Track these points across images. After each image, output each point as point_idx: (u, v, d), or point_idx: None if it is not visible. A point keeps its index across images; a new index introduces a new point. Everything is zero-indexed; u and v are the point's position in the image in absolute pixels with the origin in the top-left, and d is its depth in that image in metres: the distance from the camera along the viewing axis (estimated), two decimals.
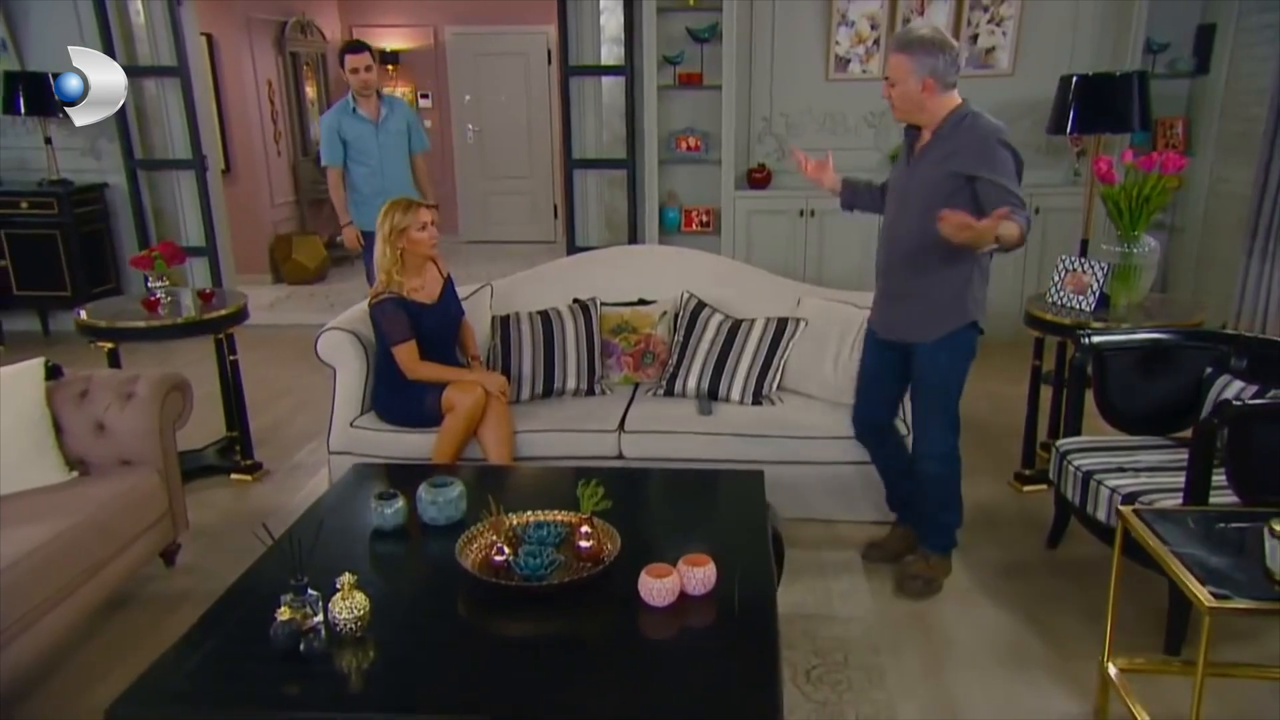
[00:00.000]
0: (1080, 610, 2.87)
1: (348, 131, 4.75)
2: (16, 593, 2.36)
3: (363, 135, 4.76)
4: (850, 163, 5.76)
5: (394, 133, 4.81)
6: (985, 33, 5.63)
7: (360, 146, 4.78)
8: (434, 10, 9.26)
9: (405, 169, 4.89)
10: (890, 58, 2.71)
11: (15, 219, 6.00)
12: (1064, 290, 3.67)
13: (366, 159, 4.78)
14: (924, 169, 2.74)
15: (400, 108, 4.93)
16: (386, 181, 4.75)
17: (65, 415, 2.93)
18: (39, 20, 6.04)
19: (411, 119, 4.95)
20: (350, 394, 3.50)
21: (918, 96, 2.68)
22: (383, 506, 2.35)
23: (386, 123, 4.78)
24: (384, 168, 4.79)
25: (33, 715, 2.46)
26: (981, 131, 2.68)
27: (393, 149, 4.81)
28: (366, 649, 1.90)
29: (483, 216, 9.64)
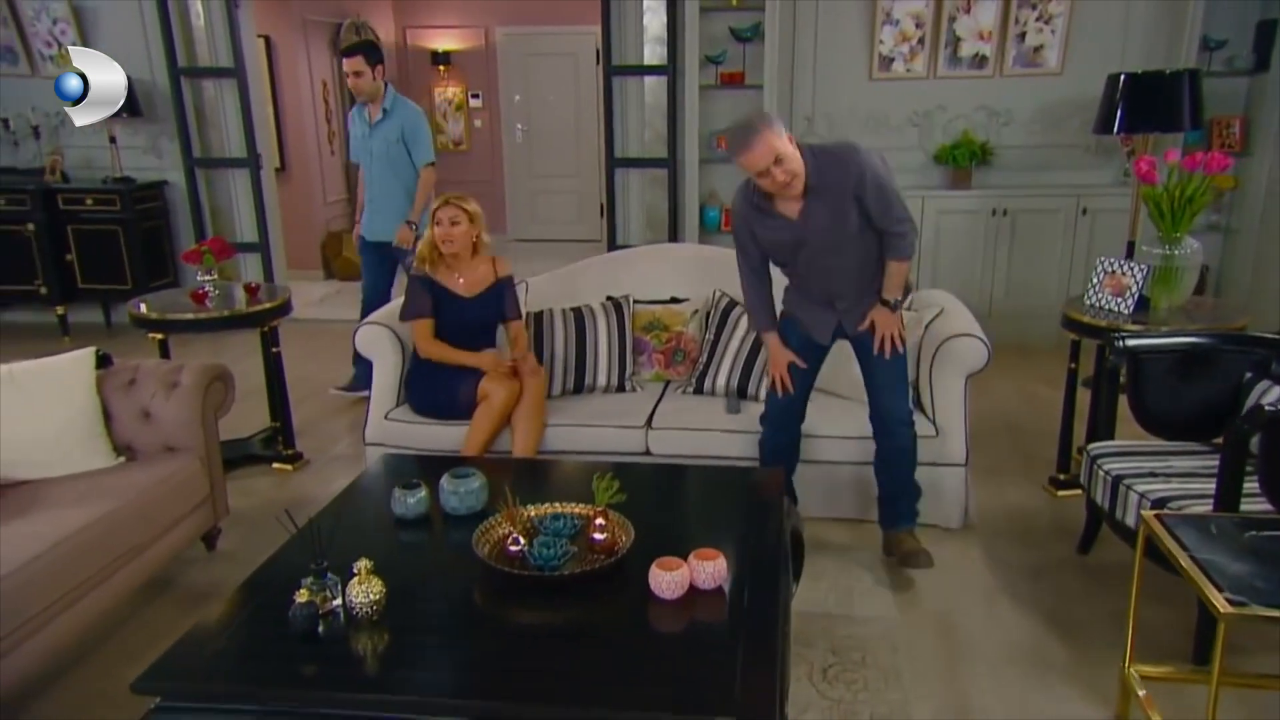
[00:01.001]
0: (1107, 617, 2.83)
1: (352, 130, 4.76)
2: (63, 570, 2.48)
3: (357, 136, 4.70)
4: (894, 162, 5.62)
5: (383, 139, 4.58)
6: (1033, 31, 5.54)
7: (355, 146, 4.74)
8: (485, 11, 9.39)
9: (396, 180, 4.62)
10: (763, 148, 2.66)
11: (81, 215, 6.25)
12: (1102, 292, 3.61)
13: (361, 160, 4.74)
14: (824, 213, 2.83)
15: (402, 114, 4.61)
16: (372, 188, 4.69)
17: (114, 403, 3.06)
18: (108, 25, 6.29)
19: (411, 127, 4.61)
20: (386, 387, 3.59)
21: (796, 156, 2.74)
22: (405, 496, 2.42)
23: (379, 128, 4.58)
24: (370, 173, 4.67)
25: (75, 689, 2.58)
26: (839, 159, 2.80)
27: (380, 156, 4.60)
28: (382, 633, 1.96)
29: (530, 215, 9.76)
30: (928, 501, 3.36)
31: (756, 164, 2.70)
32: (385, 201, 4.65)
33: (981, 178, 5.64)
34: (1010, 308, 5.63)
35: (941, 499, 3.37)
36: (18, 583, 2.33)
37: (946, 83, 5.66)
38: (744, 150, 2.70)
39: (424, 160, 4.62)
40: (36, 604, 2.39)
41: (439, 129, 9.82)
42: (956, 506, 3.38)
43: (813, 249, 2.92)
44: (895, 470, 3.14)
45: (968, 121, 5.67)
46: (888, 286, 2.98)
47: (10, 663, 2.32)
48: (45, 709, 2.50)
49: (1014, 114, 5.65)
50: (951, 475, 3.35)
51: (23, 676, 2.40)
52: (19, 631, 2.34)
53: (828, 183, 2.78)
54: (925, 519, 3.37)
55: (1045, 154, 5.66)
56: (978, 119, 5.67)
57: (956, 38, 5.59)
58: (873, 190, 2.79)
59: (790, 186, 2.76)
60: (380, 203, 4.67)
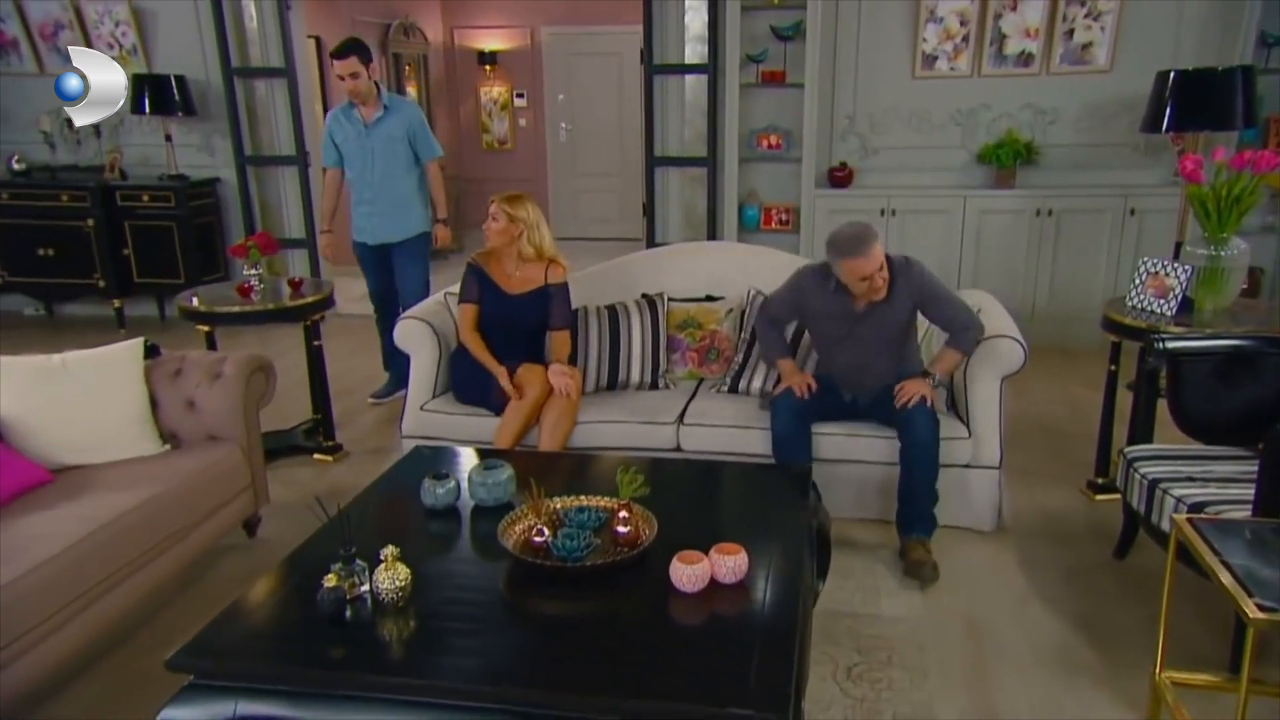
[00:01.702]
0: (1140, 622, 2.78)
1: (338, 133, 4.51)
2: (109, 551, 2.58)
3: (349, 139, 4.49)
4: (936, 161, 5.72)
5: (385, 138, 4.45)
6: (1081, 28, 5.45)
7: (347, 150, 4.52)
8: (531, 11, 9.48)
9: (402, 179, 4.53)
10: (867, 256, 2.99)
11: (137, 211, 6.44)
12: (1144, 293, 3.54)
13: (352, 164, 4.53)
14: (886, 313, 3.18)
15: (403, 112, 4.54)
16: (371, 191, 4.52)
17: (161, 392, 3.16)
18: (166, 26, 6.48)
19: (415, 125, 4.54)
20: (424, 380, 3.66)
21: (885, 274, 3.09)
22: (435, 486, 2.47)
23: (378, 127, 4.44)
24: (369, 175, 4.49)
25: (118, 667, 2.67)
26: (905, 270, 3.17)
27: (382, 156, 4.46)
28: (407, 618, 2.01)
29: (573, 214, 9.82)
30: (961, 503, 3.35)
31: (866, 270, 3.00)
32: (392, 202, 4.53)
33: (1025, 177, 5.55)
34: (1054, 310, 5.54)
35: (974, 501, 3.34)
36: (66, 563, 2.43)
37: (991, 81, 5.58)
38: (857, 257, 2.99)
39: (435, 155, 4.63)
40: (84, 583, 2.49)
41: (484, 128, 9.94)
42: (989, 509, 3.34)
43: (858, 339, 3.22)
44: (912, 468, 3.14)
45: (1012, 120, 5.59)
46: (938, 364, 3.25)
47: (57, 640, 2.41)
48: (88, 685, 2.59)
49: (1060, 112, 5.55)
50: (985, 477, 3.32)
51: (70, 652, 2.49)
52: (66, 610, 2.43)
53: (896, 288, 3.13)
54: (957, 521, 3.36)
55: (1092, 153, 5.56)
56: (1023, 118, 5.59)
57: (1002, 35, 5.51)
58: (933, 300, 3.20)
59: (880, 291, 3.08)
60: (385, 204, 4.53)
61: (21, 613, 2.30)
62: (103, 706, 2.50)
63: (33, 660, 2.35)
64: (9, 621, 2.25)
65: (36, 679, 2.39)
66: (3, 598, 2.24)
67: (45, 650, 2.39)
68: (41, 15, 6.49)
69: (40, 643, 2.36)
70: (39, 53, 6.59)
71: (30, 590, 2.32)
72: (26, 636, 2.31)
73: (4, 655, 2.25)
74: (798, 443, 3.24)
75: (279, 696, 1.84)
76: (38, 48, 6.56)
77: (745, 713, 1.68)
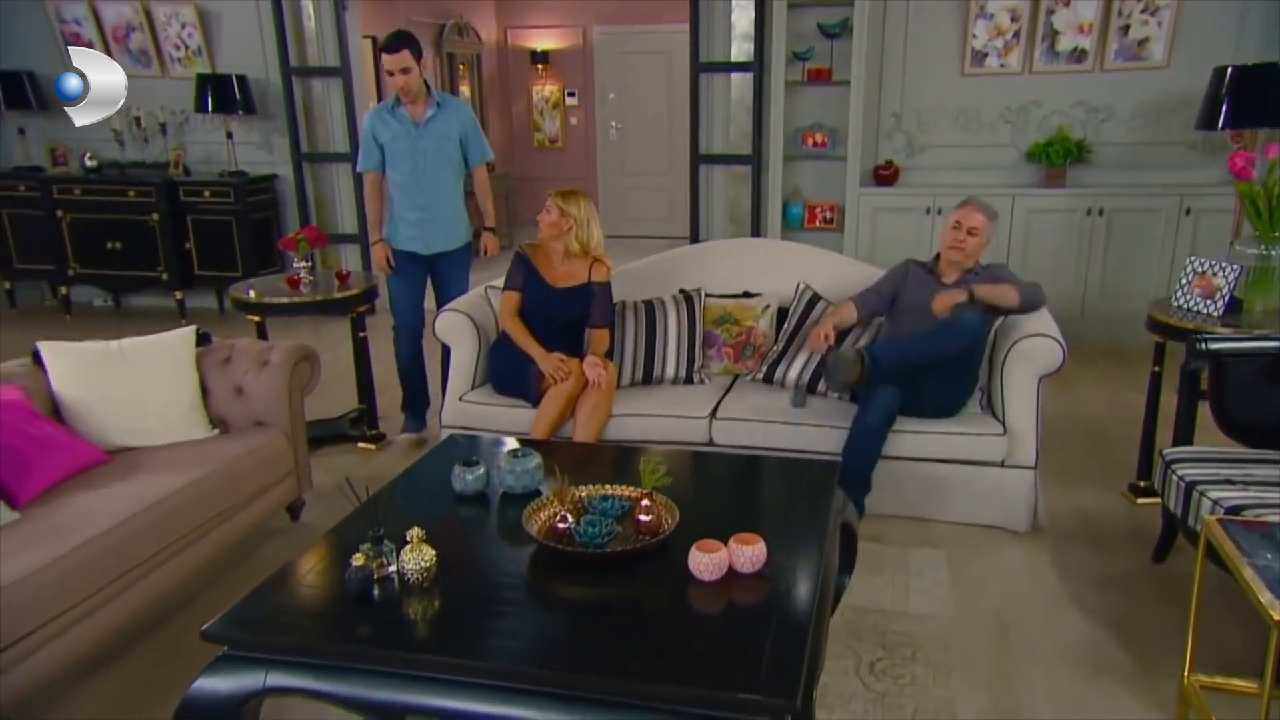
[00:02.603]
0: (1174, 626, 2.73)
1: (383, 133, 4.12)
2: (159, 528, 2.70)
3: (398, 138, 4.10)
4: (985, 159, 5.65)
5: (438, 138, 4.10)
6: (1138, 23, 5.33)
7: (394, 150, 4.12)
8: (584, 10, 9.56)
9: (453, 183, 4.21)
10: (977, 216, 3.48)
11: (199, 206, 6.67)
12: (1191, 293, 3.47)
13: (400, 166, 4.14)
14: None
15: (455, 111, 4.21)
16: (425, 196, 4.13)
17: (211, 378, 3.28)
18: (230, 27, 6.69)
19: (469, 124, 4.22)
20: (463, 371, 3.75)
21: (981, 251, 3.51)
22: (465, 473, 2.53)
23: (431, 126, 4.08)
24: (421, 179, 4.12)
25: (164, 642, 2.79)
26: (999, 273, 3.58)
27: (435, 156, 4.10)
28: (432, 599, 2.07)
29: (622, 212, 9.87)
30: (995, 502, 3.33)
31: (968, 220, 3.46)
32: (447, 208, 4.21)
33: (1076, 176, 5.46)
34: (1104, 310, 5.43)
35: (1008, 501, 3.31)
36: (118, 538, 2.55)
37: (1042, 78, 5.50)
38: (967, 206, 3.50)
39: (487, 157, 4.31)
40: (134, 558, 2.61)
41: (536, 126, 10.05)
42: (1024, 509, 3.31)
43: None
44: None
45: (1064, 118, 5.49)
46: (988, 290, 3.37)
47: (108, 611, 2.54)
48: (137, 656, 2.72)
49: (1114, 110, 5.44)
50: (1019, 477, 3.29)
51: (120, 624, 2.62)
52: (118, 583, 2.56)
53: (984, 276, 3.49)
54: (991, 520, 3.35)
55: (1147, 151, 5.44)
56: (1075, 115, 5.49)
57: (1054, 31, 5.42)
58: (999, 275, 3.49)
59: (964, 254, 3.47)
60: (438, 210, 4.17)
61: (76, 584, 2.42)
62: (149, 676, 2.61)
63: (85, 629, 2.47)
64: (64, 591, 2.38)
65: (89, 648, 2.51)
66: (59, 569, 2.36)
67: (97, 620, 2.51)
68: (114, 18, 6.75)
69: (92, 614, 2.49)
70: (111, 54, 6.84)
71: (84, 562, 2.44)
72: (80, 607, 2.43)
73: (60, 623, 2.37)
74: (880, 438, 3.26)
75: (306, 669, 1.91)
76: (110, 50, 6.82)
77: (754, 698, 1.71)
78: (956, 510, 3.38)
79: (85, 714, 2.49)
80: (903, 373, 3.26)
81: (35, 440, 2.78)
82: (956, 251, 3.46)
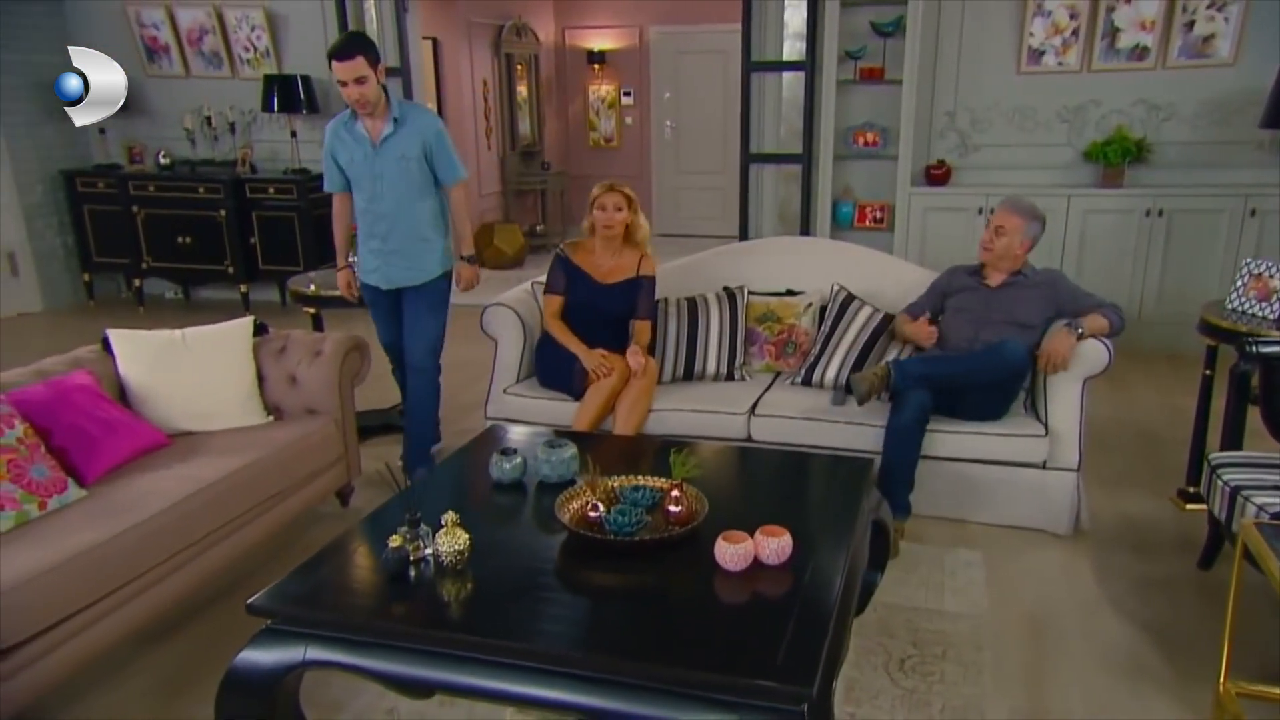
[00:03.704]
0: (1216, 634, 2.63)
1: (340, 153, 3.64)
2: (215, 508, 2.85)
3: (354, 160, 3.61)
4: (1039, 159, 5.56)
5: (396, 158, 3.55)
6: (1203, 19, 5.20)
7: (353, 173, 3.64)
8: (641, 10, 9.62)
9: (418, 209, 3.64)
10: (1009, 216, 3.44)
11: (264, 203, 6.90)
12: (1246, 296, 3.39)
13: (360, 189, 3.66)
14: (1018, 299, 3.44)
15: (417, 125, 3.61)
16: (384, 224, 3.63)
17: (267, 367, 3.42)
18: (296, 28, 6.90)
19: (434, 139, 3.61)
20: (508, 364, 3.83)
21: (1014, 252, 3.44)
22: (502, 462, 2.61)
23: (390, 143, 3.55)
24: (379, 205, 3.62)
25: (220, 613, 2.93)
26: (1058, 275, 3.58)
27: (394, 179, 3.57)
28: (465, 580, 2.14)
29: (675, 211, 9.92)
30: (1036, 504, 3.31)
31: (1002, 219, 3.44)
32: (410, 238, 3.66)
33: (1135, 176, 5.34)
34: (1162, 314, 5.31)
35: (1050, 503, 3.28)
36: (176, 516, 2.69)
37: (1101, 76, 5.39)
38: (1007, 207, 3.48)
39: (458, 177, 3.71)
40: (191, 536, 2.75)
41: (591, 126, 10.14)
42: (1066, 512, 3.27)
43: (991, 309, 3.44)
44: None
45: (1124, 117, 5.38)
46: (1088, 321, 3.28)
47: (167, 586, 2.69)
48: (192, 629, 2.85)
49: (1176, 108, 5.32)
50: (1061, 479, 3.26)
51: (178, 599, 2.76)
52: (176, 559, 2.70)
53: (1035, 275, 3.50)
54: (1031, 523, 3.32)
55: (1210, 151, 5.30)
56: (1135, 114, 5.38)
57: (1115, 28, 5.32)
58: (1071, 295, 3.44)
59: (992, 253, 3.46)
60: (399, 240, 3.66)
61: (138, 558, 2.57)
62: (203, 648, 2.74)
63: (146, 601, 2.62)
64: (127, 565, 2.53)
65: (149, 619, 2.67)
66: (121, 543, 2.51)
67: (157, 593, 2.66)
68: (189, 22, 7.02)
69: (152, 587, 2.64)
70: (185, 57, 7.12)
71: (145, 538, 2.59)
72: (141, 579, 2.58)
73: (124, 593, 2.52)
74: (915, 438, 3.24)
75: (343, 644, 2.00)
76: (185, 52, 7.09)
77: (769, 684, 1.75)
78: (996, 512, 3.36)
79: (145, 681, 2.63)
80: (933, 386, 3.25)
81: (103, 423, 2.94)
82: (986, 252, 3.47)
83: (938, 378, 3.28)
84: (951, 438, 3.30)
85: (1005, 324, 3.39)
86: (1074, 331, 3.21)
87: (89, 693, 2.57)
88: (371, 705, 2.48)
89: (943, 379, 3.28)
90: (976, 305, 3.48)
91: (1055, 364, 3.22)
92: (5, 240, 6.98)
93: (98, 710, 2.51)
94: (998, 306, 3.44)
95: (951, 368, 3.31)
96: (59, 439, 2.79)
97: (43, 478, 2.64)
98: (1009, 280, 3.48)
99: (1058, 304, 3.40)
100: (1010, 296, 3.44)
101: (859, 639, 2.71)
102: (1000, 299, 3.45)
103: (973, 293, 3.52)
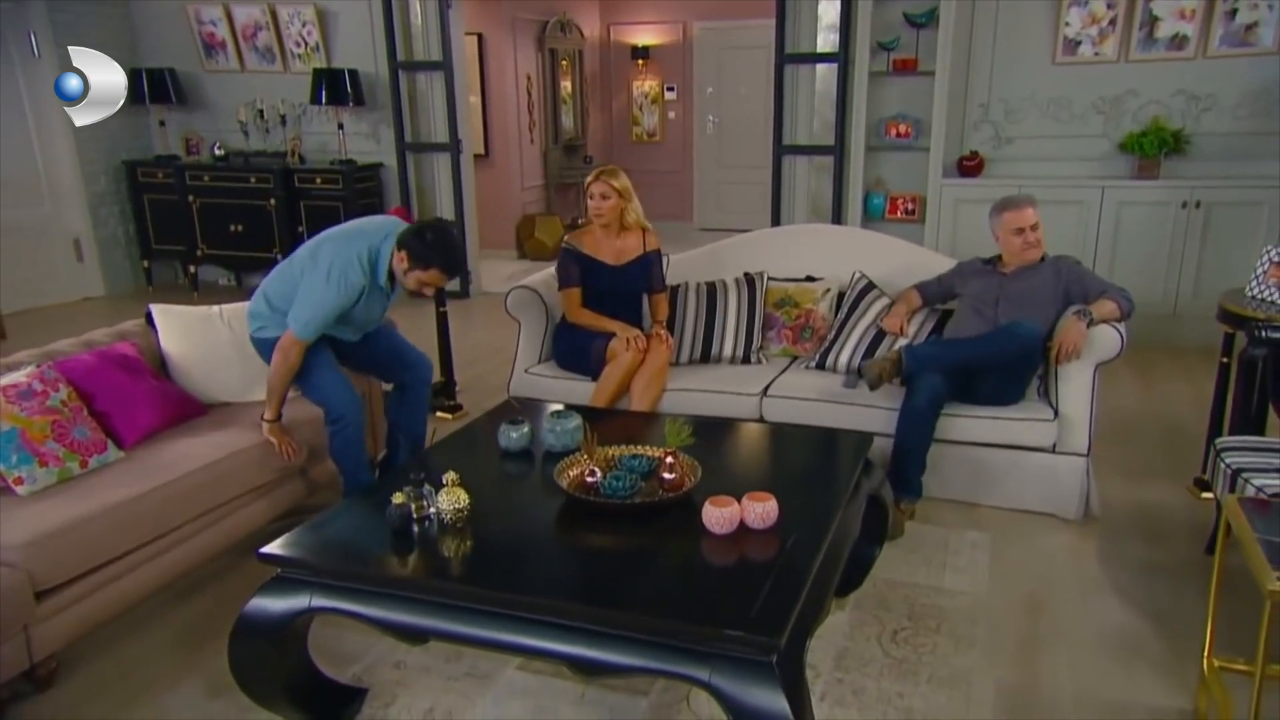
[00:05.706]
0: (1219, 617, 2.68)
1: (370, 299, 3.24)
2: (244, 472, 3.03)
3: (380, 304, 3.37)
4: (1074, 150, 5.52)
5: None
6: (1245, 7, 5.11)
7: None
8: (685, 7, 9.70)
9: None
10: (1030, 211, 3.44)
11: (311, 192, 7.13)
12: (1266, 283, 3.36)
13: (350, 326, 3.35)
14: (1032, 284, 3.44)
15: None
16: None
17: None
18: (345, 25, 7.12)
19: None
20: (531, 344, 3.95)
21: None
22: (510, 430, 2.72)
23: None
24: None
25: (247, 570, 3.08)
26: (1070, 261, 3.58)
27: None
28: (464, 537, 2.26)
29: (716, 205, 9.98)
30: (1044, 488, 3.32)
31: (1021, 221, 3.42)
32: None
33: (1171, 168, 5.27)
34: (1199, 307, 5.19)
35: (1059, 488, 3.29)
36: (208, 477, 2.89)
37: (1139, 66, 5.33)
38: (1017, 209, 3.44)
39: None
40: (222, 496, 2.94)
41: (635, 120, 10.24)
42: (1074, 497, 3.28)
43: (1007, 297, 3.44)
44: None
45: (1161, 107, 5.31)
46: (1097, 308, 3.28)
47: (199, 541, 2.88)
48: (222, 583, 3.01)
49: (1216, 99, 5.23)
50: (1070, 464, 3.27)
51: (210, 553, 2.94)
52: (207, 516, 2.89)
53: (1047, 261, 3.49)
54: (1039, 506, 3.33)
55: (1252, 142, 5.20)
56: (1174, 104, 5.30)
57: (1153, 17, 5.25)
58: (1079, 279, 3.43)
59: (1032, 248, 3.44)
60: None
61: (167, 515, 2.75)
62: (225, 605, 2.87)
63: (180, 554, 2.82)
64: (157, 520, 2.71)
65: (183, 570, 2.87)
66: (156, 498, 2.72)
67: (183, 551, 2.84)
68: (244, 18, 7.29)
69: (180, 544, 2.82)
70: (241, 52, 7.40)
71: (175, 496, 2.77)
72: (170, 535, 2.76)
73: (153, 547, 2.71)
74: (928, 421, 3.27)
75: (345, 593, 2.13)
76: (240, 48, 7.37)
77: (740, 634, 1.83)
78: (1005, 495, 3.38)
79: (168, 634, 2.79)
80: (945, 369, 3.28)
81: (143, 391, 3.12)
82: (1033, 250, 3.45)
83: (949, 360, 3.31)
84: (963, 421, 3.33)
85: (1019, 307, 3.40)
86: (1084, 319, 3.22)
87: (116, 643, 2.73)
88: (382, 658, 2.60)
89: (954, 362, 3.31)
90: (991, 291, 3.51)
91: (1069, 353, 3.23)
92: (71, 228, 7.32)
93: (125, 660, 2.68)
94: (1012, 291, 3.46)
95: (963, 350, 3.34)
96: (101, 404, 2.98)
97: (84, 438, 2.82)
98: (1024, 265, 3.50)
99: (1066, 287, 3.40)
100: (1024, 281, 3.46)
101: (855, 611, 2.77)
102: (1014, 284, 3.47)
103: (987, 279, 3.54)
